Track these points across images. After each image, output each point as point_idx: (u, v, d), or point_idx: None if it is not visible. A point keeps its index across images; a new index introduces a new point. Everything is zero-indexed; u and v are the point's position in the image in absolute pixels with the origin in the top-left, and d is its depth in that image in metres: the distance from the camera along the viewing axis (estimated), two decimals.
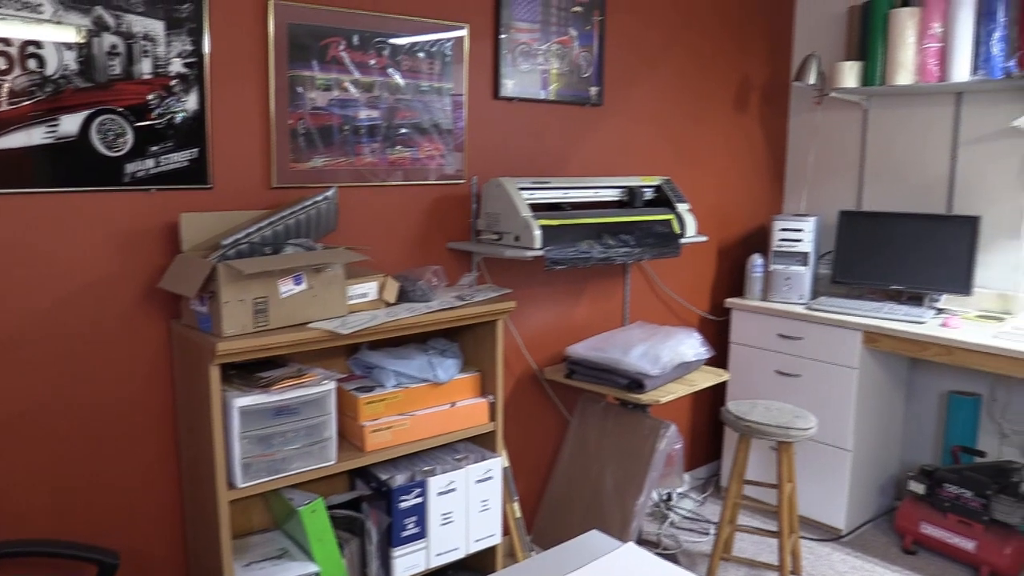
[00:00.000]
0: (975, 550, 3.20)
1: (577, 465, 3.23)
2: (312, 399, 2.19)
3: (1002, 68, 3.22)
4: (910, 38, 3.43)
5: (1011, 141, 3.42)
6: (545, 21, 3.04)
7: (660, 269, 3.60)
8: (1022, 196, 3.41)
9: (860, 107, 3.87)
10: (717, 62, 3.74)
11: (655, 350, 2.94)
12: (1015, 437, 3.50)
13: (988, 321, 3.29)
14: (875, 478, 3.63)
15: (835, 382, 3.40)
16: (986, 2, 3.24)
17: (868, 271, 3.61)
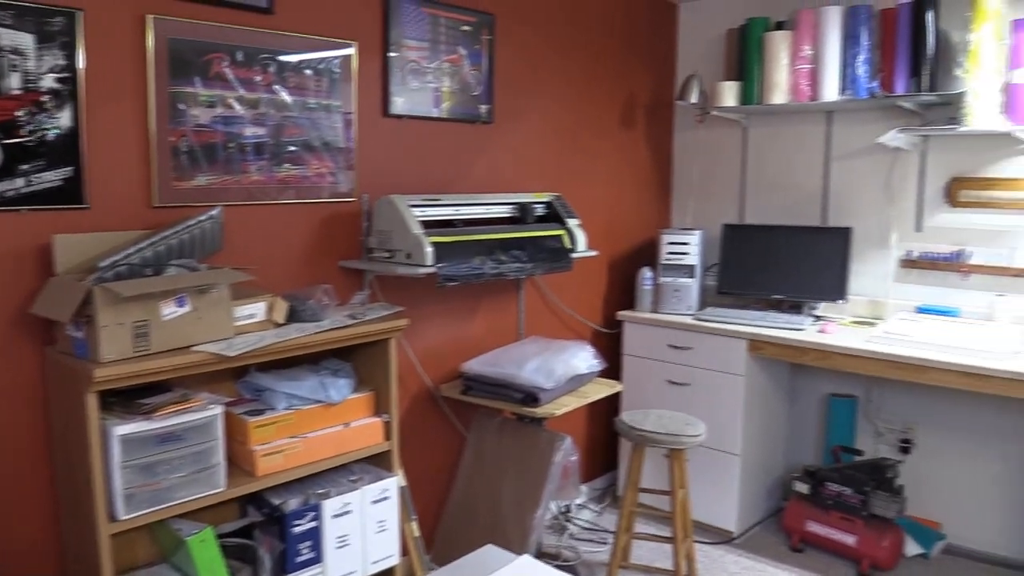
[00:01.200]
0: (856, 544, 3.36)
1: (475, 481, 3.23)
2: (198, 425, 2.13)
3: (867, 88, 3.42)
4: (783, 60, 3.60)
5: (878, 156, 3.63)
6: (434, 39, 3.06)
7: (553, 284, 3.66)
8: (889, 208, 3.62)
9: (740, 125, 4.04)
10: (604, 81, 3.84)
11: (549, 364, 2.98)
12: (889, 435, 3.70)
13: (861, 326, 3.47)
14: (763, 480, 3.77)
15: (723, 389, 3.52)
16: (851, 27, 3.44)
17: (751, 281, 3.76)
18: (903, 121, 3.46)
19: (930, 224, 3.54)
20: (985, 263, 3.39)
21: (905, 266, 3.59)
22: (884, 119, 3.53)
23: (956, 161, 3.45)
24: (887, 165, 3.62)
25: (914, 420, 3.64)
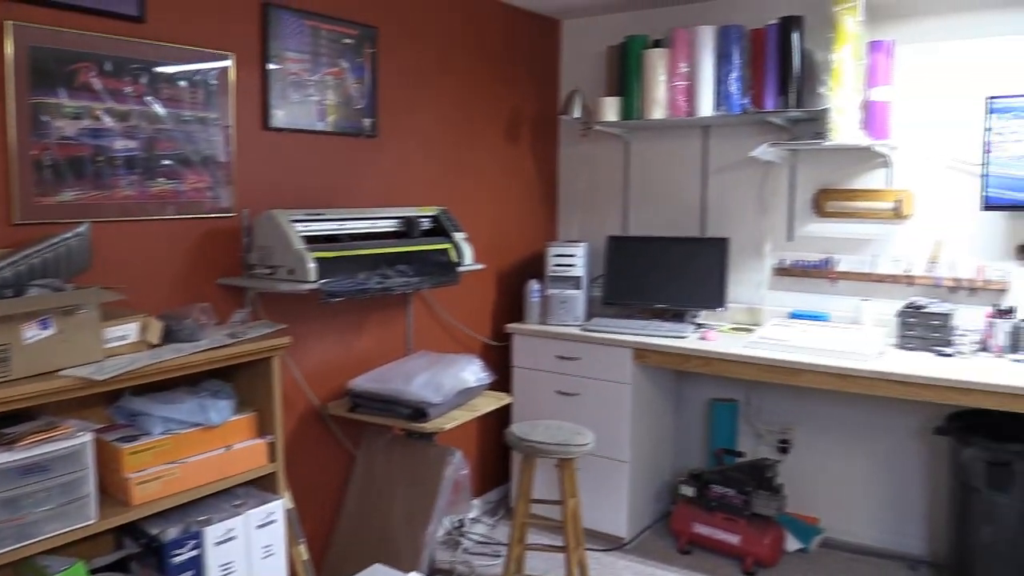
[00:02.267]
0: (740, 543, 3.47)
1: (365, 499, 3.18)
2: (66, 454, 2.01)
3: (739, 104, 3.57)
4: (661, 76, 3.72)
5: (751, 169, 3.79)
6: (315, 52, 3.01)
7: (441, 298, 3.65)
8: (763, 219, 3.79)
9: (622, 139, 4.14)
10: (490, 96, 3.87)
11: (437, 378, 2.97)
12: (768, 436, 3.85)
13: (740, 333, 3.60)
14: (652, 485, 3.86)
15: (611, 398, 3.59)
16: (724, 46, 3.58)
17: (636, 292, 3.85)
18: (773, 136, 3.62)
19: (800, 233, 3.72)
20: (851, 270, 3.59)
21: (779, 274, 3.76)
22: (756, 134, 3.69)
23: (822, 174, 3.64)
24: (760, 178, 3.78)
25: (791, 421, 3.80)
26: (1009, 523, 2.91)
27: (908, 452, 3.56)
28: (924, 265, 3.44)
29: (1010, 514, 2.91)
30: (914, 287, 3.45)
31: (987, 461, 2.93)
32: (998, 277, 3.29)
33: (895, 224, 3.50)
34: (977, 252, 3.34)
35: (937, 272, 3.41)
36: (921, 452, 3.53)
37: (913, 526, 3.58)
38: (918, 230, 3.45)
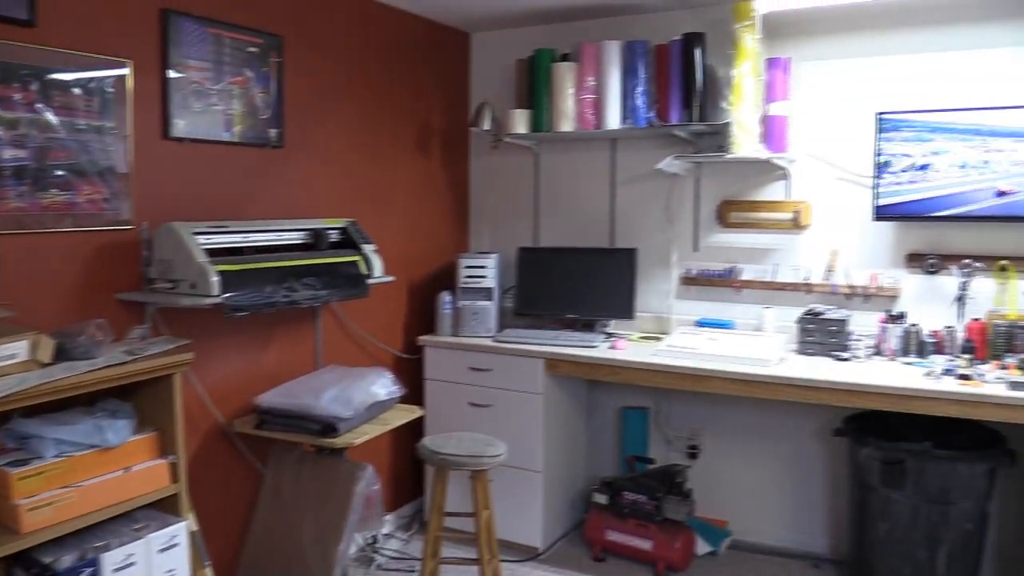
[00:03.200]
0: (652, 548, 3.53)
1: (274, 518, 3.11)
2: None
3: (645, 118, 3.65)
4: (569, 89, 3.77)
5: (658, 181, 3.87)
6: (218, 60, 2.95)
7: (352, 311, 3.60)
8: (669, 229, 3.87)
9: (532, 151, 4.18)
10: (400, 107, 3.85)
11: (347, 392, 2.93)
12: (678, 442, 3.93)
13: (649, 341, 3.67)
14: (565, 494, 3.89)
15: (523, 408, 3.61)
16: (629, 60, 3.66)
17: (547, 302, 3.89)
18: (679, 149, 3.71)
19: (706, 244, 3.82)
20: (754, 278, 3.70)
21: (685, 283, 3.85)
22: (662, 146, 3.77)
23: (726, 185, 3.76)
24: (666, 189, 3.87)
25: (700, 427, 3.89)
26: (902, 518, 3.04)
27: (810, 454, 3.69)
28: (822, 273, 3.58)
29: (903, 510, 3.03)
30: (813, 294, 3.58)
31: (881, 460, 3.06)
32: (890, 284, 3.44)
33: (794, 234, 3.63)
34: (870, 261, 3.49)
35: (834, 280, 3.55)
36: (822, 453, 3.66)
37: (816, 525, 3.71)
38: (816, 240, 3.59)
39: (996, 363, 3.09)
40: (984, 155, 3.13)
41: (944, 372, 3.00)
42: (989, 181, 3.14)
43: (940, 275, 3.36)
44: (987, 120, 3.12)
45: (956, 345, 3.25)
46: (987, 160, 3.13)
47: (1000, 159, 3.11)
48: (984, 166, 3.14)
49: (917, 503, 3.01)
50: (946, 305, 3.33)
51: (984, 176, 3.14)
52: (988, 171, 3.13)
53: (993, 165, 3.12)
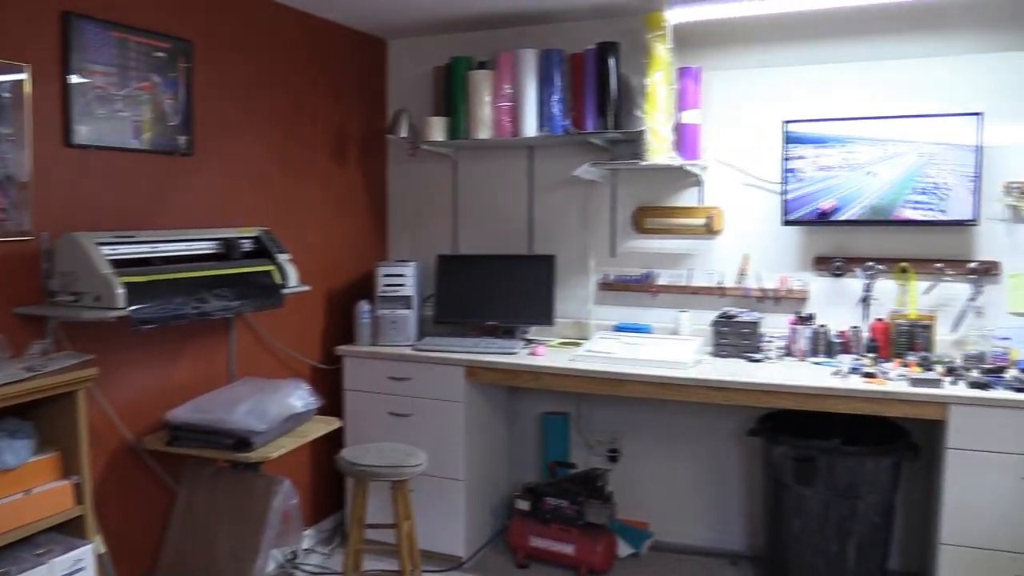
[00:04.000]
0: (574, 553, 3.55)
1: (188, 537, 3.01)
2: None
3: (561, 126, 3.68)
4: (486, 97, 3.78)
5: (575, 188, 3.91)
6: (123, 65, 2.85)
7: (267, 322, 3.52)
8: (587, 236, 3.91)
9: (450, 158, 4.17)
10: (316, 114, 3.80)
11: (262, 405, 2.86)
12: (598, 446, 3.97)
13: (569, 347, 3.69)
14: (488, 502, 3.88)
15: (444, 417, 3.59)
16: (545, 69, 3.69)
17: (466, 310, 3.88)
18: (595, 156, 3.75)
19: (622, 249, 3.87)
20: (670, 283, 3.77)
21: (603, 288, 3.90)
22: (579, 154, 3.81)
23: (641, 192, 3.82)
24: (583, 196, 3.91)
25: (620, 430, 3.94)
26: (815, 514, 3.13)
27: (727, 454, 3.77)
28: (734, 277, 3.66)
29: (815, 505, 3.13)
30: (726, 298, 3.67)
31: (794, 458, 3.15)
32: (799, 287, 3.55)
33: (707, 239, 3.71)
34: (780, 264, 3.59)
35: (746, 283, 3.64)
36: (738, 453, 3.74)
37: (734, 523, 3.79)
38: (728, 245, 3.68)
39: (898, 361, 3.22)
40: (883, 163, 3.26)
41: (851, 371, 3.11)
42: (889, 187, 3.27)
43: (845, 277, 3.48)
44: (886, 129, 3.26)
45: (861, 344, 3.37)
46: (887, 167, 3.26)
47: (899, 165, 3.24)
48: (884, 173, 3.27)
49: (828, 498, 3.10)
50: (852, 306, 3.45)
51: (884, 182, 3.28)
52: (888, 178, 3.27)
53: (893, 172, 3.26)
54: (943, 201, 3.21)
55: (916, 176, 3.23)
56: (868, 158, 3.29)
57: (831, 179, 3.35)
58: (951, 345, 3.31)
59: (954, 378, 2.98)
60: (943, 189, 3.20)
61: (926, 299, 3.36)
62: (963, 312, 3.31)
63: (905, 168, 3.24)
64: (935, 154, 3.20)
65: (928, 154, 3.21)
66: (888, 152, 3.26)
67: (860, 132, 3.30)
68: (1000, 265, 3.29)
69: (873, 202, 3.30)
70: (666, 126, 3.46)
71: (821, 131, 3.35)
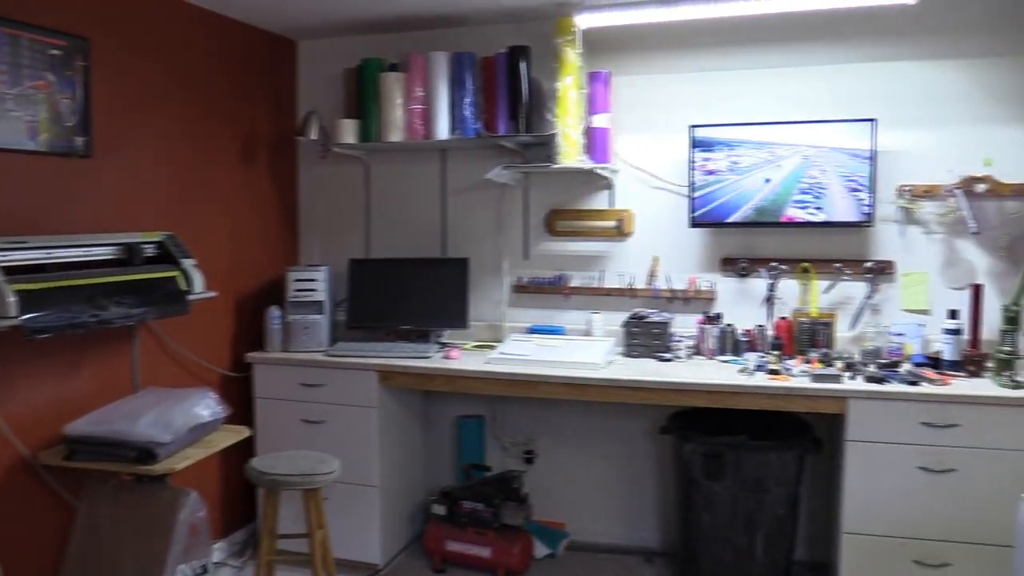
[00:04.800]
0: (491, 555, 3.55)
1: (90, 555, 2.89)
2: None
3: (473, 129, 3.69)
4: (398, 99, 3.75)
5: (488, 191, 3.92)
6: (15, 63, 2.73)
7: (172, 329, 3.41)
8: (500, 238, 3.93)
9: (363, 161, 4.12)
10: (224, 116, 3.71)
11: (167, 415, 2.77)
12: (514, 449, 3.98)
13: (483, 350, 3.70)
14: (404, 508, 3.85)
15: (358, 423, 3.54)
16: (457, 72, 3.69)
17: (380, 314, 3.84)
18: (507, 159, 3.77)
19: (535, 252, 3.90)
20: (582, 285, 3.82)
21: (517, 291, 3.92)
22: (491, 157, 3.81)
23: (553, 195, 3.85)
24: (496, 199, 3.93)
25: (535, 432, 3.96)
26: (724, 509, 3.21)
27: (640, 452, 3.83)
28: (645, 278, 3.73)
29: (724, 500, 3.21)
30: (637, 299, 3.73)
31: (703, 454, 3.22)
32: (707, 287, 3.64)
33: (619, 241, 3.77)
34: (689, 265, 3.68)
35: (656, 284, 3.71)
36: (651, 452, 3.81)
37: (648, 520, 3.86)
38: (638, 246, 3.74)
39: (801, 358, 3.34)
40: (781, 165, 3.38)
41: (756, 368, 3.21)
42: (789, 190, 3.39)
43: (751, 278, 3.59)
44: (786, 133, 3.37)
45: (767, 342, 3.48)
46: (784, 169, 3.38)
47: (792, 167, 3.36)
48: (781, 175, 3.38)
49: (736, 492, 3.19)
50: (757, 306, 3.56)
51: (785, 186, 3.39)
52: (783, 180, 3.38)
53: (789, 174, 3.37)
54: (831, 205, 3.34)
55: (803, 180, 3.36)
56: (760, 162, 3.40)
57: (734, 182, 3.44)
58: (850, 341, 3.44)
59: (852, 373, 3.10)
60: (831, 194, 3.33)
61: (826, 298, 3.49)
62: (861, 310, 3.46)
63: (793, 173, 3.36)
64: (823, 160, 3.33)
65: (816, 160, 3.34)
66: (787, 155, 3.38)
67: (761, 136, 3.40)
68: (894, 264, 3.44)
69: (760, 204, 3.41)
70: (577, 130, 3.50)
71: (725, 135, 3.45)
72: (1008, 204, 3.29)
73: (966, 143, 3.32)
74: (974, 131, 3.32)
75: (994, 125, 3.31)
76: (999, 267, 3.32)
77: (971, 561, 2.87)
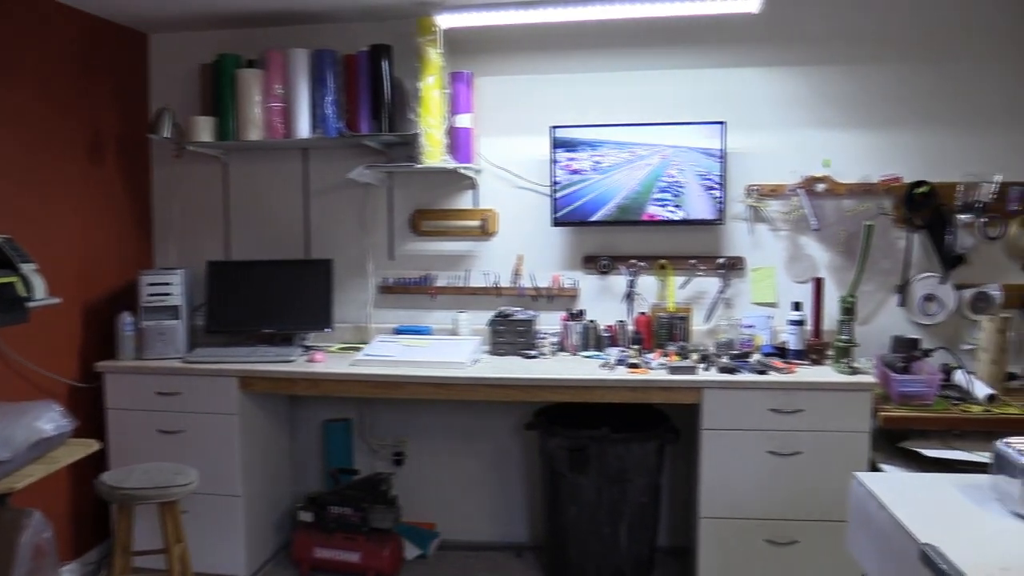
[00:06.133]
0: (360, 560, 3.52)
1: None
2: None
3: (335, 128, 3.63)
4: (256, 97, 3.65)
5: (352, 191, 3.87)
6: None
7: (12, 338, 3.19)
8: (365, 239, 3.88)
9: (220, 160, 3.99)
10: (68, 111, 3.49)
11: (5, 432, 2.58)
12: (383, 451, 3.95)
13: (348, 352, 3.64)
14: (270, 516, 3.75)
15: (218, 431, 3.42)
16: (318, 69, 3.62)
17: (241, 318, 3.73)
18: (371, 159, 3.73)
19: (401, 252, 3.88)
20: (448, 284, 3.83)
21: (383, 292, 3.89)
22: (355, 156, 3.77)
23: (417, 195, 3.85)
24: (360, 199, 3.88)
25: (404, 433, 3.94)
26: (589, 500, 3.30)
27: (508, 450, 3.88)
28: (510, 277, 3.78)
29: (588, 492, 3.29)
30: (503, 297, 3.78)
31: (567, 448, 3.29)
32: (570, 285, 3.72)
33: (483, 241, 3.80)
34: (552, 264, 3.75)
35: (521, 283, 3.76)
36: (519, 448, 3.86)
37: (517, 516, 3.91)
38: (503, 246, 3.79)
39: (660, 351, 3.46)
40: (637, 166, 3.49)
41: (617, 362, 3.30)
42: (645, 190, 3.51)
43: (612, 275, 3.69)
44: (641, 135, 3.49)
45: (627, 337, 3.58)
46: (639, 170, 3.49)
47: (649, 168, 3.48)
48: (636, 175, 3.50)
49: (600, 484, 3.27)
50: (618, 302, 3.67)
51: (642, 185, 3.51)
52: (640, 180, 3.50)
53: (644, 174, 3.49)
54: (688, 203, 3.48)
55: (662, 180, 3.49)
56: (621, 162, 3.51)
57: (589, 181, 3.53)
58: (705, 334, 3.60)
59: (707, 364, 3.24)
60: (688, 193, 3.48)
61: (683, 293, 3.64)
62: (714, 304, 3.62)
63: (652, 173, 3.49)
64: (681, 160, 3.47)
65: (674, 160, 3.48)
66: (637, 156, 3.50)
67: (615, 137, 3.51)
68: (744, 260, 3.62)
69: (622, 203, 3.52)
70: (440, 130, 3.51)
71: (588, 136, 3.53)
72: (845, 202, 3.53)
73: (807, 145, 3.53)
74: (814, 134, 3.54)
75: (832, 129, 3.53)
76: (838, 261, 3.55)
77: (817, 537, 3.06)
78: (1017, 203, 3.40)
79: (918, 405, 2.99)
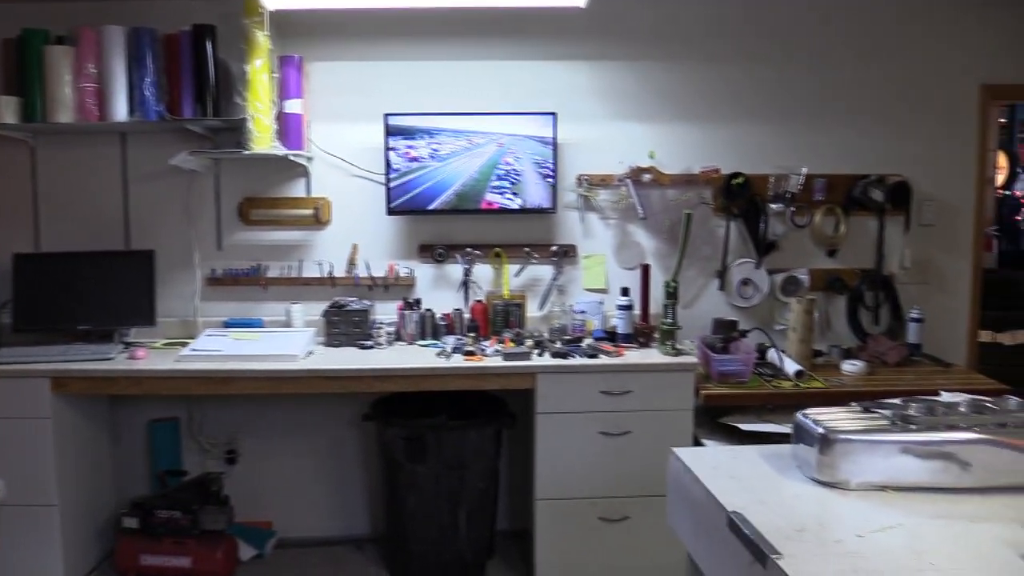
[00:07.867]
0: (192, 564, 3.37)
1: None
2: None
3: (156, 111, 3.44)
4: (66, 76, 3.40)
5: (176, 178, 3.67)
6: None
7: None
8: (191, 229, 3.70)
9: (27, 144, 3.69)
10: None
11: None
12: (214, 450, 3.79)
13: (174, 348, 3.46)
14: (90, 525, 3.52)
15: (28, 437, 3.16)
16: (136, 49, 3.42)
17: (53, 314, 3.48)
18: (195, 144, 3.56)
19: (229, 242, 3.73)
20: (280, 275, 3.71)
21: (211, 284, 3.72)
22: (179, 142, 3.57)
23: (247, 182, 3.71)
24: (185, 187, 3.69)
25: (237, 430, 3.80)
26: (427, 489, 3.30)
27: (346, 442, 3.82)
28: (344, 267, 3.71)
29: (427, 481, 3.29)
30: (337, 288, 3.71)
31: (405, 438, 3.27)
32: (406, 274, 3.71)
33: (317, 230, 3.72)
34: (388, 253, 3.72)
35: (356, 273, 3.71)
36: (356, 440, 3.82)
37: (357, 509, 3.86)
38: (337, 235, 3.72)
39: (496, 338, 3.51)
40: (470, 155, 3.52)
41: (454, 351, 3.32)
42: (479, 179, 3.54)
43: (447, 263, 3.71)
44: (474, 124, 3.51)
45: (464, 325, 3.61)
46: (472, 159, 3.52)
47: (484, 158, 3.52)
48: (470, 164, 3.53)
49: (439, 472, 3.28)
50: (454, 290, 3.69)
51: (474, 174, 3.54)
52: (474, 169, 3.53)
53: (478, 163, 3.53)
54: (525, 191, 3.55)
55: (499, 168, 3.53)
56: (459, 150, 3.52)
57: (427, 169, 3.53)
58: (540, 321, 3.68)
59: (541, 350, 3.31)
60: (525, 181, 3.54)
61: (517, 280, 3.70)
62: (548, 290, 3.70)
63: (489, 160, 3.53)
64: (517, 149, 3.53)
65: (511, 149, 3.53)
66: (474, 144, 3.52)
67: (452, 125, 3.52)
68: (576, 248, 3.73)
69: (461, 190, 3.54)
70: (269, 115, 3.39)
71: (418, 124, 3.52)
72: (669, 192, 3.69)
73: (634, 137, 3.68)
74: (640, 127, 3.69)
75: (657, 122, 3.69)
76: (663, 248, 3.72)
77: (646, 512, 3.20)
78: (821, 193, 3.68)
79: (736, 383, 3.19)
